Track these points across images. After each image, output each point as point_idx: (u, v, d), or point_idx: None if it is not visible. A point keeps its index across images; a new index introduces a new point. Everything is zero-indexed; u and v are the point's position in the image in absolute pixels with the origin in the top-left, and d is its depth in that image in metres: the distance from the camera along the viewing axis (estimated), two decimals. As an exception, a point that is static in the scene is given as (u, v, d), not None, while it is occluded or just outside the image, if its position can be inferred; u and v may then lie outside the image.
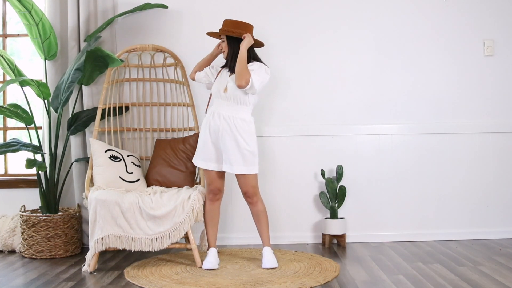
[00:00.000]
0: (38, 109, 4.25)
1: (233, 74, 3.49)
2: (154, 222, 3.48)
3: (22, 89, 3.94)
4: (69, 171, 4.09)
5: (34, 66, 4.47)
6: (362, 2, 4.26)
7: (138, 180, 3.82)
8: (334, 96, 4.27)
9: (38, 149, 3.86)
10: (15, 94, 4.48)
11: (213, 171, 3.54)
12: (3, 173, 4.43)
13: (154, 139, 4.14)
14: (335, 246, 4.12)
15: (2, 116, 4.30)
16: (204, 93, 4.00)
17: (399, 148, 4.27)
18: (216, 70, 3.67)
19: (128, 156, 3.88)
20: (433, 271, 3.36)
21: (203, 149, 3.54)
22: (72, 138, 4.11)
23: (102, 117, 4.00)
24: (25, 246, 3.88)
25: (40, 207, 3.98)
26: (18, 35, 4.49)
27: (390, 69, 4.27)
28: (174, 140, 3.98)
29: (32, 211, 4.02)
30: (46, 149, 4.06)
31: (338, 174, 4.14)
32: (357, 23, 4.27)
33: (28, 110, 3.90)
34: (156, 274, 3.38)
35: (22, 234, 3.89)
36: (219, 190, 3.57)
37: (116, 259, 3.78)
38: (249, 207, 3.59)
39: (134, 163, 3.87)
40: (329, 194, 4.11)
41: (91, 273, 3.44)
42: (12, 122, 4.43)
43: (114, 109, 4.09)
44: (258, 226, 3.59)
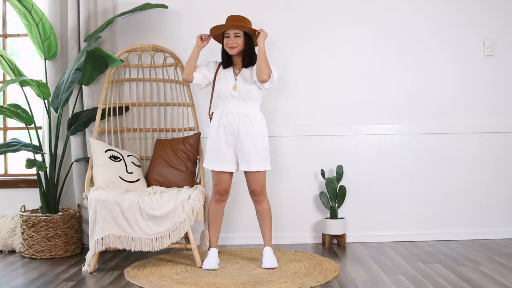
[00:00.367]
0: (38, 109, 4.25)
1: (241, 70, 3.49)
2: (154, 222, 3.48)
3: (22, 89, 3.94)
4: (69, 171, 4.09)
5: (34, 66, 4.47)
6: (362, 2, 4.26)
7: (138, 180, 3.82)
8: (334, 96, 4.27)
9: (38, 149, 3.86)
10: (15, 94, 4.48)
11: (226, 173, 3.51)
12: (3, 173, 4.43)
13: (154, 139, 4.14)
14: (335, 246, 4.12)
15: (2, 116, 4.30)
16: (204, 92, 3.98)
17: (399, 148, 4.27)
18: (213, 67, 3.56)
19: (128, 156, 3.88)
20: (433, 271, 3.36)
21: (217, 151, 3.48)
22: (72, 138, 4.11)
23: (102, 117, 4.00)
24: (25, 246, 3.88)
25: (40, 207, 3.98)
26: (18, 35, 4.49)
27: (390, 69, 4.28)
28: (174, 140, 3.97)
29: (32, 211, 4.02)
30: (46, 149, 4.06)
31: (338, 174, 4.14)
32: (357, 23, 4.26)
33: (28, 110, 3.90)
34: (156, 274, 3.38)
35: (22, 234, 3.89)
36: (226, 192, 3.55)
37: (116, 259, 3.78)
38: (254, 206, 3.60)
39: (134, 163, 3.87)
40: (329, 194, 4.10)
41: (91, 273, 3.44)
42: (12, 122, 4.42)
43: (114, 109, 4.09)
44: (261, 225, 3.59)
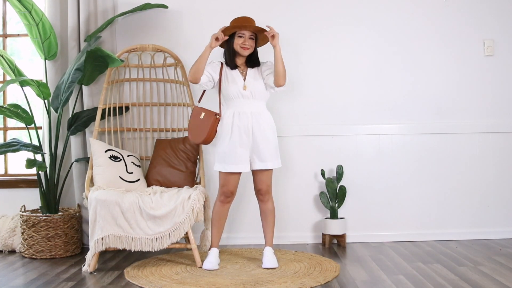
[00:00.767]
0: (38, 109, 4.25)
1: (247, 70, 3.54)
2: (154, 222, 3.48)
3: (22, 89, 3.94)
4: (69, 171, 4.09)
5: (34, 66, 4.47)
6: (363, 2, 4.26)
7: (138, 180, 3.82)
8: (334, 96, 4.27)
9: (38, 149, 3.86)
10: (15, 94, 4.48)
11: (235, 174, 3.50)
12: (3, 173, 4.43)
13: (154, 139, 4.14)
14: (335, 246, 4.12)
15: (2, 116, 4.30)
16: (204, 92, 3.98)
17: (399, 148, 4.27)
18: (217, 68, 3.54)
19: (128, 156, 3.88)
20: (433, 271, 3.36)
21: (232, 153, 3.45)
22: (72, 138, 4.11)
23: (102, 117, 4.00)
24: (25, 246, 3.88)
25: (40, 207, 3.98)
26: (18, 35, 4.49)
27: (390, 69, 4.27)
28: (174, 140, 3.97)
29: (32, 211, 4.02)
30: (46, 149, 4.06)
31: (338, 174, 4.14)
32: (357, 23, 4.26)
33: (28, 110, 3.90)
34: (156, 274, 3.38)
35: (22, 234, 3.89)
36: (232, 193, 3.54)
37: (116, 259, 3.78)
38: (259, 205, 3.60)
39: (134, 163, 3.87)
40: (329, 194, 4.10)
41: (91, 273, 3.44)
42: (12, 122, 4.42)
43: (114, 109, 4.09)
44: (264, 224, 3.59)
